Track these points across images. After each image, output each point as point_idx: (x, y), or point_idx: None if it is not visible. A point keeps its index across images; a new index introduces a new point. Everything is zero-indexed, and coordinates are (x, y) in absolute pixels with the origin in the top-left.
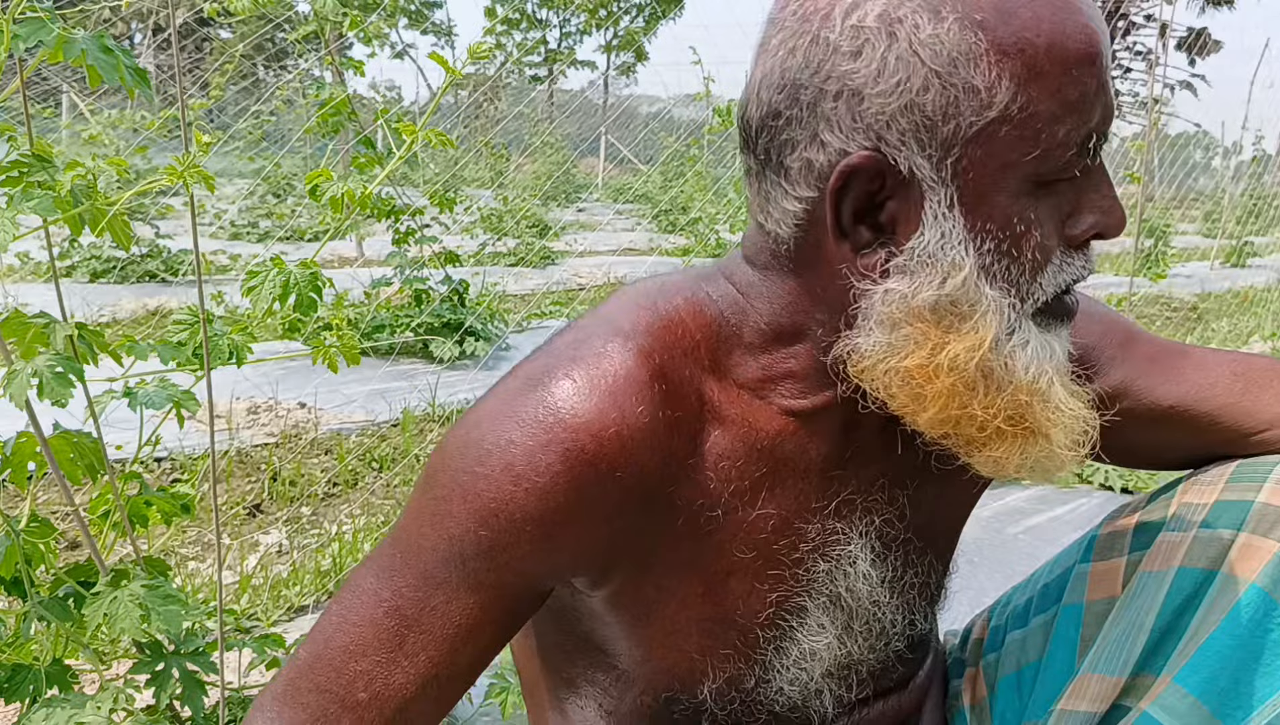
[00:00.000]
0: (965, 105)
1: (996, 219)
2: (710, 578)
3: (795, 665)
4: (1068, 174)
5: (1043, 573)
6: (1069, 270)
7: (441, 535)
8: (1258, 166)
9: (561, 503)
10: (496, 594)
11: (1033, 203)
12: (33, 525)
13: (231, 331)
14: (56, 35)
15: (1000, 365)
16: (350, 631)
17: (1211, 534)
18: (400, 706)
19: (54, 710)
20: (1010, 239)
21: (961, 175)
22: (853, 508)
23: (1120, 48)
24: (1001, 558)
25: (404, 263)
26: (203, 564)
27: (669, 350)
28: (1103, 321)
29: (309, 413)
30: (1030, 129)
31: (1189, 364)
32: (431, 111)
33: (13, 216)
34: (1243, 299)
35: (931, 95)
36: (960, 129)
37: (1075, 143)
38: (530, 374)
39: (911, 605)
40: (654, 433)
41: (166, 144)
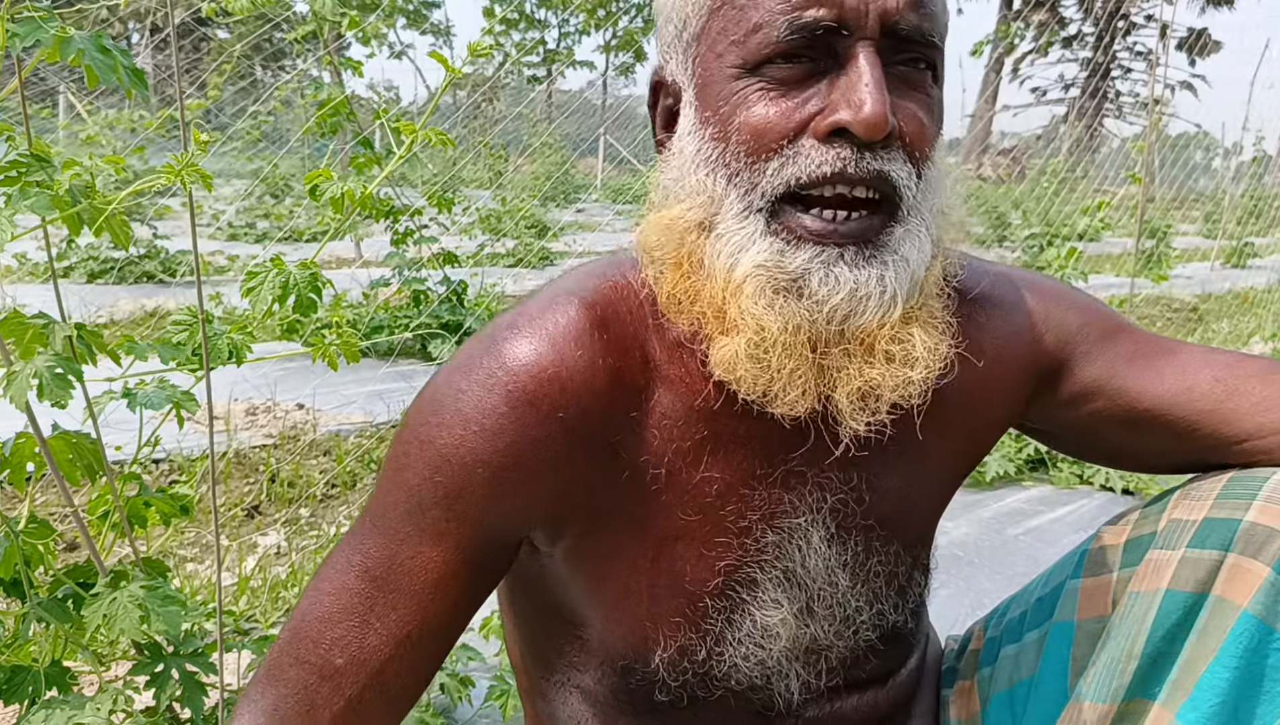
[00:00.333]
0: (691, 8)
1: (712, 104)
2: (658, 540)
3: (750, 640)
4: (774, 54)
5: (1036, 585)
6: (801, 163)
7: (402, 488)
8: (1258, 167)
9: (509, 443)
10: (456, 545)
11: (742, 86)
12: (32, 526)
13: (231, 330)
14: (54, 35)
15: (708, 251)
16: (324, 601)
17: (1199, 555)
18: (377, 669)
19: (53, 711)
20: (720, 121)
21: (696, 72)
22: (803, 480)
23: (1120, 48)
24: (1002, 559)
25: (403, 263)
26: (201, 565)
27: (612, 306)
28: (1084, 312)
29: (307, 414)
30: (731, 17)
31: (1171, 365)
32: (431, 111)
33: (10, 216)
34: (1243, 300)
35: (674, 6)
36: (692, 30)
37: (773, 23)
38: (482, 335)
39: (878, 594)
40: (593, 377)
41: (165, 144)
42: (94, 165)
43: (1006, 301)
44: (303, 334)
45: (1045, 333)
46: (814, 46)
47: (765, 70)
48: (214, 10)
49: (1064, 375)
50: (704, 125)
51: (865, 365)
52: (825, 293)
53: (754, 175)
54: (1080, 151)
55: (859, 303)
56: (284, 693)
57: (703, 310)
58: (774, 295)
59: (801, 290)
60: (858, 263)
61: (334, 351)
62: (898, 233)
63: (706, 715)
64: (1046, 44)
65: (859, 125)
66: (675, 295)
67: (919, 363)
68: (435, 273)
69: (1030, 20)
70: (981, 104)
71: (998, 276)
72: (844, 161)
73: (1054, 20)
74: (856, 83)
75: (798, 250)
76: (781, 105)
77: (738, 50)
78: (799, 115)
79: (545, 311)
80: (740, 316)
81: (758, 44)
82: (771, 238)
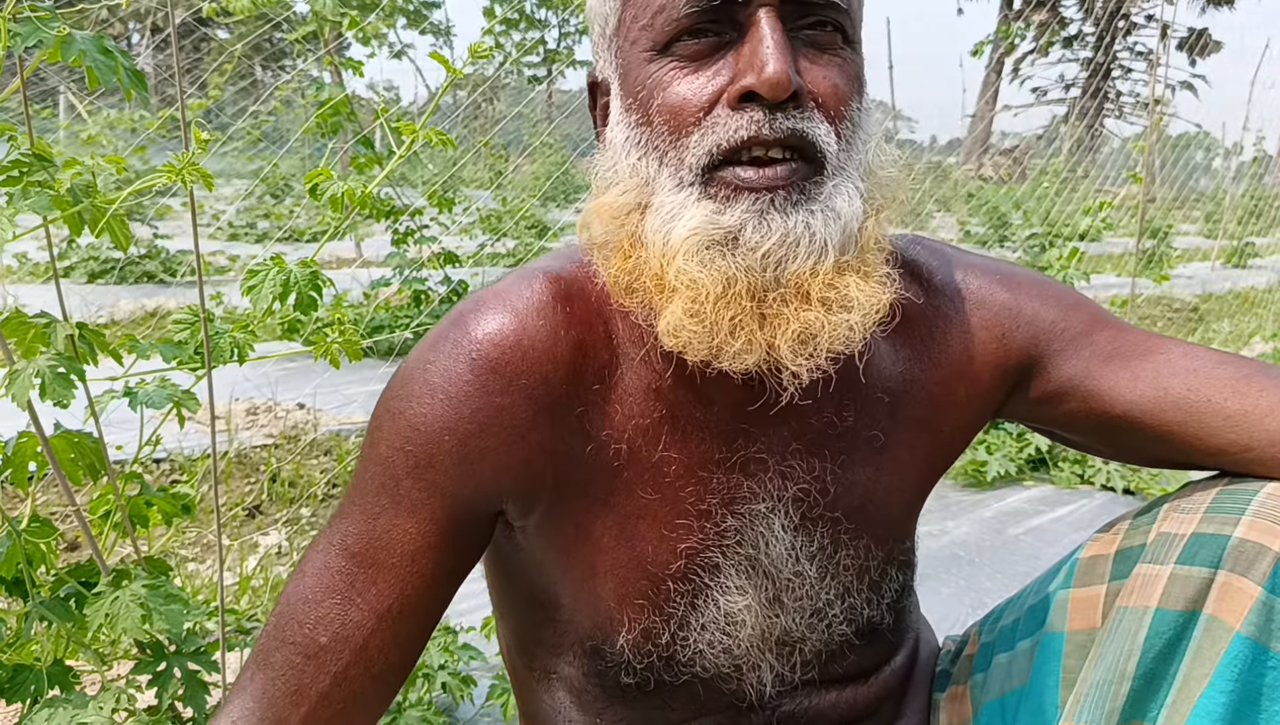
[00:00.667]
0: (609, 8)
1: (633, 91)
2: (621, 518)
3: (714, 626)
4: (679, 32)
5: (1030, 591)
6: (719, 131)
7: (376, 462)
8: (1258, 167)
9: (474, 409)
10: (431, 517)
11: (656, 69)
12: (34, 525)
13: (233, 329)
14: (56, 35)
15: (644, 227)
16: (307, 582)
17: (1188, 572)
18: (361, 645)
19: (56, 710)
20: (640, 106)
21: (618, 64)
22: (764, 468)
23: (1121, 48)
24: (1003, 559)
25: (403, 263)
26: (202, 565)
27: (578, 282)
28: (1060, 306)
29: (308, 414)
30: (637, 3)
31: (1148, 368)
32: (431, 111)
33: (12, 216)
34: (1244, 300)
35: (596, 9)
36: (611, 27)
37: (679, 4)
38: (451, 312)
39: (849, 588)
40: (555, 347)
41: (165, 144)
42: (95, 165)
43: (976, 294)
44: (303, 333)
45: (1016, 328)
46: (716, 19)
47: (674, 49)
48: (215, 10)
49: (1036, 373)
50: (628, 112)
51: (802, 309)
52: (758, 239)
53: (679, 151)
54: (1081, 152)
55: (790, 248)
56: (271, 675)
57: (645, 284)
58: (707, 251)
59: (736, 240)
60: (787, 209)
61: (336, 349)
62: (826, 187)
63: (677, 703)
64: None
65: (763, 86)
66: (621, 279)
67: (855, 307)
68: (436, 273)
69: (1031, 20)
70: (982, 104)
71: (970, 267)
72: (757, 124)
73: (1054, 20)
74: (758, 46)
75: (732, 205)
76: (694, 81)
77: (648, 34)
78: (711, 87)
79: (510, 287)
80: (676, 278)
81: (663, 24)
82: (707, 201)
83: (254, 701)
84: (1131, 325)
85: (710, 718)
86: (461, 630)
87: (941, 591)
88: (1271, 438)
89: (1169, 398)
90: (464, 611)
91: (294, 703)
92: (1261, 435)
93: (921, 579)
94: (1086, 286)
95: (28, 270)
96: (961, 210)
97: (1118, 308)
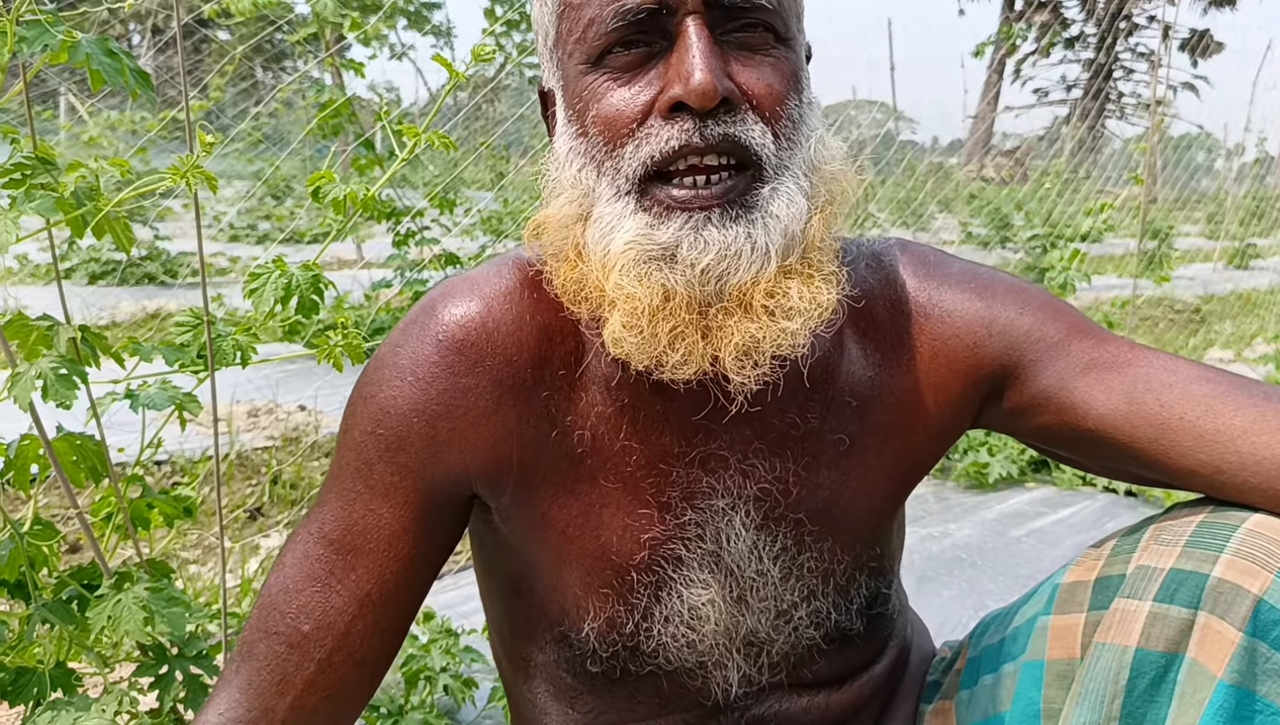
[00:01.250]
0: (548, 23)
1: (572, 103)
2: (586, 506)
3: (678, 619)
4: (609, 44)
5: (1015, 610)
6: (653, 142)
7: (350, 447)
8: (1260, 168)
9: (440, 390)
10: (405, 500)
11: (590, 81)
12: (36, 528)
13: (236, 332)
14: (61, 38)
15: (587, 238)
16: (287, 572)
17: (1167, 611)
18: (343, 631)
19: (58, 713)
20: (578, 117)
21: (558, 75)
22: (724, 464)
23: (1123, 49)
24: (1005, 561)
25: (404, 265)
26: (203, 568)
27: (547, 272)
28: (1037, 315)
29: (309, 416)
30: (570, 17)
31: (1123, 381)
32: (434, 114)
33: (15, 218)
34: (1245, 301)
35: (538, 24)
36: (551, 41)
37: (601, 16)
38: (424, 299)
39: (814, 591)
40: (520, 331)
41: (166, 145)
42: (98, 167)
43: (950, 301)
44: (304, 336)
45: (989, 337)
46: (645, 30)
47: (607, 61)
48: (216, 11)
49: (1010, 384)
50: (569, 123)
51: (744, 320)
52: (695, 256)
53: (615, 161)
54: (1083, 153)
55: (730, 261)
56: (256, 666)
57: (588, 294)
58: (644, 265)
59: (674, 256)
60: (725, 223)
61: (339, 353)
62: (765, 191)
63: (644, 696)
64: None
65: (690, 96)
66: (569, 287)
67: (796, 314)
68: (437, 274)
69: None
70: (983, 105)
71: (947, 274)
72: (687, 133)
73: (1056, 21)
74: (684, 55)
75: (667, 221)
76: (626, 92)
77: (581, 48)
78: (642, 98)
79: (480, 273)
80: (615, 292)
81: (594, 37)
82: (642, 214)
83: (240, 693)
84: (1114, 335)
85: (678, 715)
86: (463, 632)
87: (943, 594)
88: (1242, 461)
89: (1141, 413)
90: (465, 614)
91: (280, 692)
92: (1233, 458)
93: (923, 581)
94: (1088, 288)
95: (28, 272)
96: (963, 211)
97: (1119, 309)
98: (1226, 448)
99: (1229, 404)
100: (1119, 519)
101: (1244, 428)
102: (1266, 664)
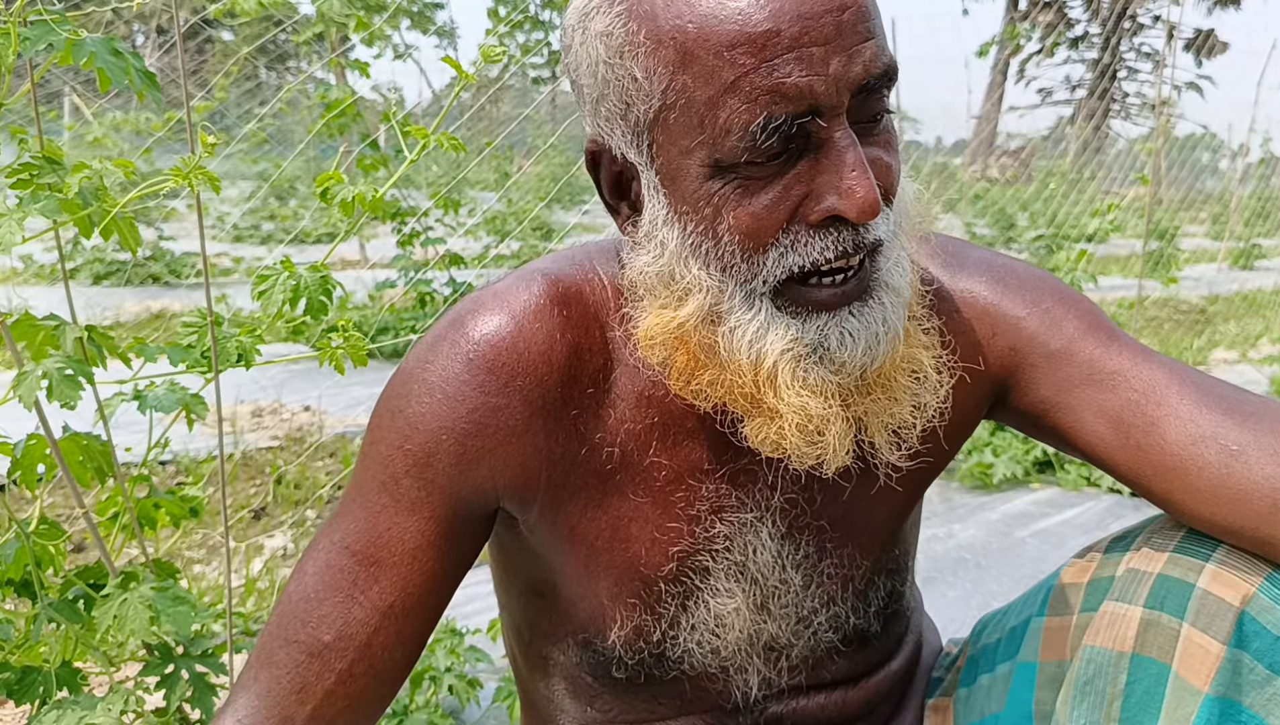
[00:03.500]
0: (635, 93)
1: (689, 201)
2: (615, 520)
3: (704, 627)
4: (752, 157)
5: (1013, 610)
6: (801, 252)
7: (376, 460)
8: (1265, 168)
9: (470, 409)
10: (431, 515)
11: (719, 186)
12: (42, 527)
13: (240, 333)
14: (66, 38)
15: (722, 343)
16: (309, 581)
17: (1157, 618)
18: (365, 643)
19: (64, 712)
20: (703, 221)
21: (656, 159)
22: (753, 478)
23: (1127, 49)
24: (1010, 561)
25: (408, 265)
26: (208, 567)
27: (576, 286)
28: (1048, 314)
29: (313, 416)
30: (692, 114)
31: (1115, 403)
32: (443, 116)
33: (21, 219)
34: (1250, 302)
35: (613, 85)
36: (640, 115)
37: (745, 127)
38: (449, 313)
39: (834, 596)
40: (551, 350)
41: (171, 146)
42: (104, 168)
43: (964, 294)
44: (308, 336)
45: (994, 336)
46: (790, 139)
47: (741, 169)
48: (221, 12)
49: (1014, 386)
50: (682, 219)
51: (890, 403)
52: (847, 354)
53: (753, 267)
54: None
55: (873, 349)
56: (276, 674)
57: (735, 399)
58: (805, 373)
59: (823, 357)
60: (862, 312)
61: (340, 355)
62: (883, 267)
63: (665, 699)
64: (1053, 45)
65: (854, 213)
66: (701, 385)
67: (929, 382)
68: (441, 274)
69: (1037, 21)
70: (988, 105)
71: (964, 264)
72: (843, 244)
73: (1060, 21)
74: (841, 168)
75: (811, 320)
76: (766, 199)
77: (707, 150)
78: (786, 205)
79: (509, 288)
80: (780, 403)
81: (731, 148)
82: (785, 317)
83: (259, 699)
84: (1121, 335)
85: (697, 716)
86: (468, 633)
87: (948, 594)
88: (1204, 516)
89: (1125, 447)
90: (470, 614)
91: (300, 700)
92: (1204, 511)
93: (928, 582)
94: (1094, 289)
95: (32, 272)
96: (967, 212)
97: (1125, 310)
98: (1199, 503)
99: (1210, 450)
100: (1124, 519)
101: (1212, 490)
102: (1251, 675)
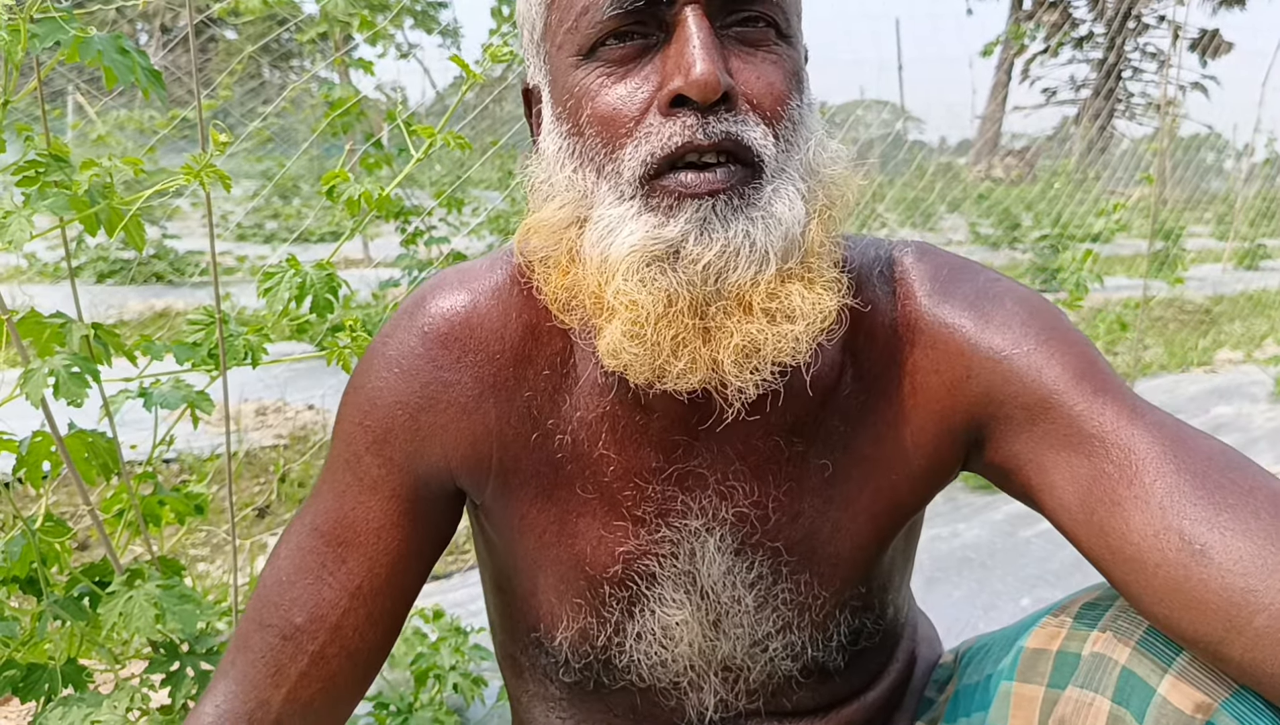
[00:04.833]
0: (531, 14)
1: (561, 99)
2: (563, 512)
3: (650, 637)
4: (603, 35)
5: (994, 648)
6: (654, 140)
7: (341, 438)
8: (1270, 169)
9: (423, 382)
10: (392, 493)
11: (583, 75)
12: (47, 525)
13: (248, 331)
14: (74, 36)
15: (584, 241)
16: (281, 565)
17: (1121, 716)
18: (336, 624)
19: (70, 709)
20: (570, 115)
21: (546, 69)
22: (702, 484)
23: (1132, 49)
24: (1014, 561)
25: (412, 264)
26: (212, 565)
27: (536, 279)
28: (1028, 360)
29: (317, 414)
30: (562, 6)
31: (1088, 472)
32: (450, 115)
33: (29, 216)
34: (1256, 302)
35: (523, 16)
36: (539, 29)
37: (602, 5)
38: (418, 290)
39: (789, 623)
40: (504, 327)
41: (175, 144)
42: (112, 166)
43: (939, 325)
44: (313, 335)
45: (971, 378)
46: (642, 20)
47: (600, 53)
48: (226, 11)
49: (987, 437)
50: (559, 121)
51: (744, 321)
52: (699, 251)
53: (615, 163)
54: (1092, 153)
55: (731, 258)
56: (251, 658)
57: (583, 302)
58: (647, 268)
59: (678, 253)
60: (727, 216)
61: (348, 354)
62: (765, 191)
63: (619, 711)
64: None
65: (692, 88)
66: (560, 295)
67: (799, 317)
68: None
69: (1041, 21)
70: (992, 105)
71: (946, 295)
72: (690, 130)
73: (1065, 21)
74: (684, 46)
75: (676, 215)
76: (623, 87)
77: (572, 38)
78: (640, 95)
79: (475, 267)
80: (614, 298)
81: (587, 26)
82: (649, 214)
83: (236, 684)
84: (1112, 384)
85: None
86: (472, 631)
87: (953, 594)
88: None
89: (1088, 525)
90: (474, 612)
91: (275, 683)
92: (1156, 609)
93: (932, 582)
94: (1099, 289)
95: (36, 270)
96: (972, 212)
97: (1130, 310)
98: (1153, 602)
99: (1170, 545)
100: None
101: (1167, 591)
102: None
